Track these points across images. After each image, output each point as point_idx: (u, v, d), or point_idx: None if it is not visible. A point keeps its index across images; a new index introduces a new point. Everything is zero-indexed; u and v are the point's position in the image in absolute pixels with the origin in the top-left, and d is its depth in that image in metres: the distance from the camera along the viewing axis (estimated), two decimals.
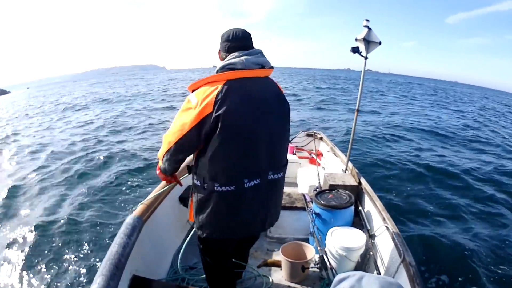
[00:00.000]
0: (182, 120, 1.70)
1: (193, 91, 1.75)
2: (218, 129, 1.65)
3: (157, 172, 2.06)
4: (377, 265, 2.55)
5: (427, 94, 37.41)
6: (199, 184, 1.82)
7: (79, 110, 19.44)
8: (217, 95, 1.64)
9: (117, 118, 14.66)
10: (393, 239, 2.46)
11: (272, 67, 1.86)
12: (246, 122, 1.71)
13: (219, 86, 1.66)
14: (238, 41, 1.82)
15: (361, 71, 3.45)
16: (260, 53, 1.83)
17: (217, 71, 1.76)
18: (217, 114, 1.63)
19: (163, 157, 1.85)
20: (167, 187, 2.61)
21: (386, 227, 2.63)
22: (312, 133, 5.51)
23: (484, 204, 5.96)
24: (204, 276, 2.55)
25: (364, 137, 10.58)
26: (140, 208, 2.37)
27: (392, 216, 2.76)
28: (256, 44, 1.88)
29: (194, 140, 1.71)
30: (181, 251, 2.72)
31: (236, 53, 1.77)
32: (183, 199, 3.26)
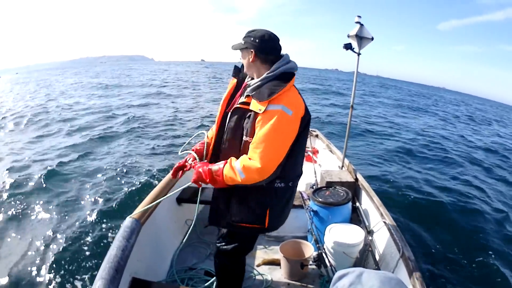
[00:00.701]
0: (288, 134, 1.68)
1: (268, 102, 1.66)
2: (304, 130, 1.77)
3: (224, 185, 1.78)
4: (376, 260, 2.56)
5: (418, 98, 37.73)
6: (283, 186, 1.83)
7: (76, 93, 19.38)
8: (303, 99, 1.77)
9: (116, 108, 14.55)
10: (391, 234, 2.46)
11: None
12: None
13: (296, 91, 1.77)
14: (276, 43, 1.81)
15: (349, 72, 3.47)
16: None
17: (271, 76, 1.73)
18: (308, 116, 1.77)
19: (268, 177, 1.68)
20: (165, 188, 2.61)
21: (384, 222, 2.64)
22: None
23: (482, 197, 6.01)
24: (204, 277, 2.55)
25: (359, 133, 10.64)
26: (138, 210, 2.36)
27: (390, 211, 2.77)
28: None
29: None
30: (180, 252, 2.71)
31: (286, 57, 1.81)
32: (181, 200, 3.26)
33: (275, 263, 2.87)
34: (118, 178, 6.35)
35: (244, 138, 1.74)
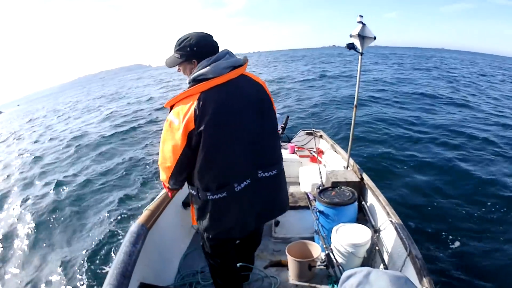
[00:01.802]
0: (171, 143, 1.71)
1: (171, 107, 1.75)
2: (201, 143, 1.68)
3: (167, 191, 2.08)
4: (383, 259, 2.55)
5: (419, 65, 36.36)
6: (195, 194, 1.89)
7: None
8: (195, 111, 1.64)
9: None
10: (398, 233, 2.46)
11: (246, 61, 1.83)
12: (226, 130, 1.72)
13: (195, 101, 1.65)
14: (211, 43, 1.79)
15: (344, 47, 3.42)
16: (227, 53, 1.79)
17: (189, 83, 1.75)
18: (199, 129, 1.65)
19: (168, 182, 1.87)
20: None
21: (391, 221, 2.63)
22: (312, 131, 5.51)
23: (493, 194, 5.91)
24: (211, 280, 2.55)
25: (364, 131, 10.54)
26: (144, 215, 2.37)
27: (396, 210, 2.76)
28: (240, 31, 1.85)
29: (190, 157, 1.75)
30: (187, 256, 2.70)
31: (204, 62, 1.72)
32: (187, 204, 3.26)
33: (282, 264, 2.87)
34: (125, 185, 6.39)
35: None
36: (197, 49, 1.74)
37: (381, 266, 2.51)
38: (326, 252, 2.51)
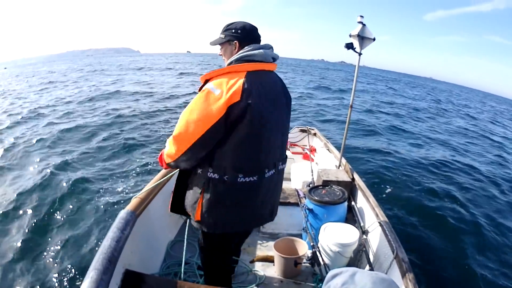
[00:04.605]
0: (203, 113, 1.61)
1: (205, 81, 1.72)
2: (245, 119, 1.64)
3: (164, 166, 1.90)
4: (370, 261, 2.56)
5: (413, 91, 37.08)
6: (217, 177, 1.73)
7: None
8: (244, 84, 1.63)
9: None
10: (386, 235, 2.47)
11: (277, 58, 1.89)
12: (267, 114, 1.72)
13: (242, 77, 1.65)
14: (256, 32, 1.83)
15: (335, 62, 3.45)
16: (272, 47, 1.84)
17: (232, 62, 1.76)
18: (246, 103, 1.62)
19: (180, 157, 1.72)
20: (161, 180, 2.60)
21: (379, 223, 2.64)
22: (306, 128, 5.51)
23: (478, 197, 5.99)
24: (198, 271, 2.55)
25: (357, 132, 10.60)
26: (133, 202, 2.35)
27: (385, 212, 2.77)
28: None
29: (221, 131, 1.64)
30: (174, 246, 2.69)
31: (252, 45, 1.77)
32: None
33: (268, 260, 2.87)
34: (114, 171, 6.34)
35: None
36: (241, 32, 1.78)
37: (367, 267, 2.52)
38: (313, 250, 2.52)
